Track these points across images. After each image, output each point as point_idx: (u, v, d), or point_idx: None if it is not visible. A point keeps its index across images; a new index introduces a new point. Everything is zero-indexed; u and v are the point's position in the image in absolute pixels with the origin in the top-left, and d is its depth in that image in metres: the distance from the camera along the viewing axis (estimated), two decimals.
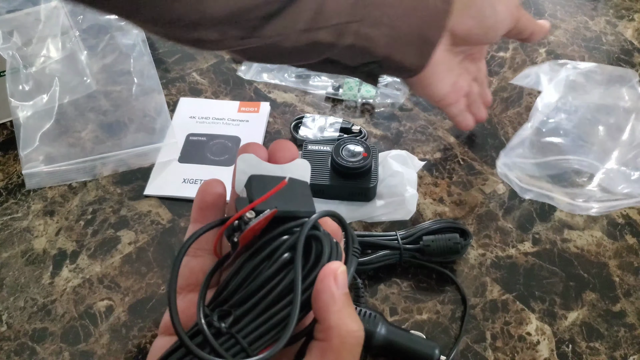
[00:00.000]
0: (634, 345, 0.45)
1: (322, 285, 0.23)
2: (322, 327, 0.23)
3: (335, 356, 0.22)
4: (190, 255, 0.27)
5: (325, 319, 0.22)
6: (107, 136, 0.57)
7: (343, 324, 0.22)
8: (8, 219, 0.53)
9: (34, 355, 0.44)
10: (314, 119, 0.60)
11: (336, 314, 0.22)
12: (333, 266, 0.23)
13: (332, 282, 0.23)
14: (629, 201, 0.51)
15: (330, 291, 0.23)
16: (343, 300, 0.23)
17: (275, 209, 0.23)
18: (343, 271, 0.23)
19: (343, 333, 0.22)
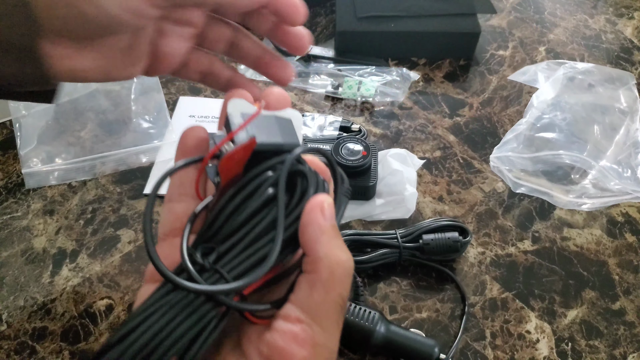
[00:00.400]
0: (633, 344, 0.45)
1: (309, 218, 0.22)
2: (310, 260, 0.22)
3: (325, 287, 0.22)
4: (174, 200, 0.26)
5: (312, 251, 0.22)
6: (106, 135, 0.57)
7: (332, 254, 0.22)
8: (8, 218, 0.53)
9: (34, 354, 0.44)
10: (313, 118, 0.60)
11: (324, 245, 0.22)
12: (320, 198, 0.23)
13: (318, 214, 0.22)
14: (621, 197, 0.51)
15: (317, 222, 0.22)
16: (330, 232, 0.22)
17: (253, 139, 0.23)
18: (330, 203, 0.23)
19: (332, 264, 0.22)
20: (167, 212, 0.26)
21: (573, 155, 0.53)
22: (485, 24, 0.73)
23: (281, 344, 0.21)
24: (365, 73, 0.65)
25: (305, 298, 0.22)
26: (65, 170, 0.55)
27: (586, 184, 0.52)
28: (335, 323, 0.22)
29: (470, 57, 0.68)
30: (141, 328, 0.20)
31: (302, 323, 0.22)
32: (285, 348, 0.21)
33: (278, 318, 0.22)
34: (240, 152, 0.23)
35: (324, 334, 0.22)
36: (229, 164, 0.23)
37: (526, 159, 0.53)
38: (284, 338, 0.21)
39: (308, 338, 0.21)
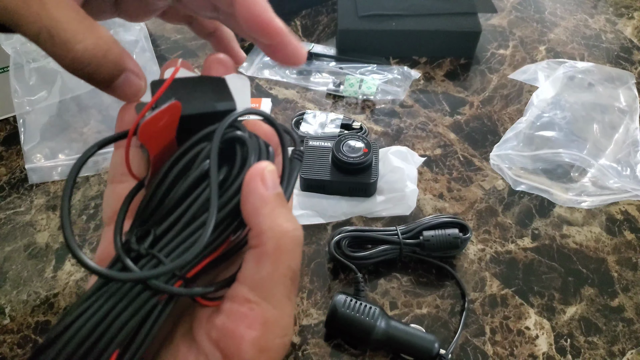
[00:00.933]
0: (631, 340, 0.45)
1: (249, 188, 0.21)
2: (255, 233, 0.21)
3: (272, 261, 0.20)
4: (115, 182, 0.24)
5: (256, 224, 0.21)
6: (109, 131, 0.57)
7: (276, 225, 0.20)
8: (11, 214, 0.53)
9: None
10: (315, 115, 0.60)
11: (267, 217, 0.20)
12: (259, 166, 0.21)
13: (259, 183, 0.21)
14: (620, 195, 0.51)
15: (257, 192, 0.21)
16: (274, 201, 0.21)
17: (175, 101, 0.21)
18: (271, 170, 0.21)
19: (277, 235, 0.20)
20: (110, 194, 0.24)
21: (572, 154, 0.53)
22: (486, 23, 0.73)
23: (229, 326, 0.20)
24: (367, 71, 0.66)
25: (252, 274, 0.21)
26: (69, 165, 0.55)
27: (585, 182, 0.52)
28: (286, 297, 0.21)
29: (471, 56, 0.68)
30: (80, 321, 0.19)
31: (250, 302, 0.20)
32: (234, 330, 0.20)
33: (226, 299, 0.21)
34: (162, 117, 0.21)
35: (275, 311, 0.20)
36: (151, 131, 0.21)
37: (526, 157, 0.53)
38: (232, 319, 0.20)
39: (257, 317, 0.20)
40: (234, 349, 0.20)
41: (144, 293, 0.20)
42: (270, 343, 0.20)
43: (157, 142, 0.21)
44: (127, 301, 0.20)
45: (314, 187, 0.53)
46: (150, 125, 0.20)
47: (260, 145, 0.22)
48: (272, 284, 0.21)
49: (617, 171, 0.52)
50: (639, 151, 0.54)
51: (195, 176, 0.21)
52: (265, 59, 0.67)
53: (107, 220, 0.24)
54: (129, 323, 0.19)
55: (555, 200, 0.53)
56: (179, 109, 0.21)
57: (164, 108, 0.20)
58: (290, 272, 0.21)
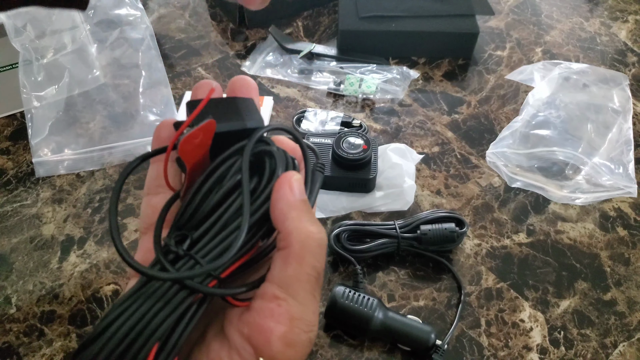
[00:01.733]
0: (623, 333, 0.46)
1: (278, 194, 0.23)
2: (282, 236, 0.22)
3: (297, 260, 0.22)
4: (151, 193, 0.26)
5: (283, 226, 0.22)
6: (114, 127, 0.58)
7: (301, 227, 0.22)
8: (18, 206, 0.55)
9: (43, 337, 0.46)
10: (315, 113, 0.61)
11: (294, 220, 0.22)
12: (288, 175, 0.23)
13: (287, 190, 0.22)
14: (613, 193, 0.53)
15: (285, 198, 0.22)
16: (300, 206, 0.22)
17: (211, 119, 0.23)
18: (298, 179, 0.23)
19: (302, 237, 0.22)
20: (146, 206, 0.26)
21: (567, 152, 0.55)
22: (484, 25, 0.75)
23: (259, 322, 0.22)
24: (367, 71, 0.67)
25: (279, 273, 0.22)
26: (74, 160, 0.56)
27: (579, 179, 0.54)
28: (311, 295, 0.22)
29: (469, 57, 0.70)
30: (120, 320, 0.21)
31: (278, 299, 0.22)
32: (263, 325, 0.22)
33: (256, 297, 0.23)
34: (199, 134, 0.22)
35: (301, 307, 0.22)
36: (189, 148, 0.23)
37: (521, 155, 0.55)
38: (261, 315, 0.22)
39: (285, 313, 0.22)
40: (264, 342, 0.22)
41: (180, 292, 0.21)
42: (297, 337, 0.22)
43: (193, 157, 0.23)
44: (165, 300, 0.21)
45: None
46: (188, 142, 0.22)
47: (287, 158, 0.24)
48: (298, 282, 0.22)
49: (610, 169, 0.53)
50: (632, 150, 0.55)
51: (229, 186, 0.23)
52: (267, 58, 0.69)
53: (144, 230, 0.26)
54: (166, 321, 0.21)
55: (550, 197, 0.54)
56: (214, 126, 0.23)
57: (201, 126, 0.22)
58: (314, 272, 0.22)
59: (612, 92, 0.59)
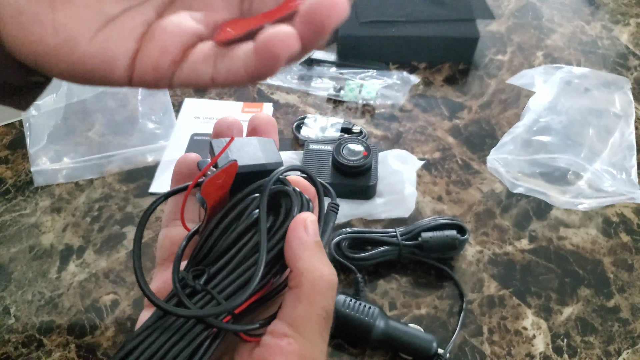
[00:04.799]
0: (627, 340, 0.46)
1: (292, 234, 0.23)
2: (294, 275, 0.23)
3: (308, 300, 0.22)
4: (169, 226, 0.27)
5: (295, 266, 0.23)
6: (113, 135, 0.58)
7: (314, 268, 0.23)
8: (16, 215, 0.54)
9: (41, 347, 0.45)
10: (315, 120, 0.61)
11: (306, 260, 0.23)
12: (303, 216, 0.24)
13: (301, 230, 0.23)
14: (615, 198, 0.52)
15: (299, 238, 0.23)
16: (313, 247, 0.23)
17: (234, 161, 0.24)
18: (313, 220, 0.24)
19: (314, 277, 0.23)
20: (164, 238, 0.27)
21: (568, 159, 0.54)
22: (485, 29, 0.74)
23: (269, 358, 0.22)
24: (367, 76, 0.67)
25: (290, 312, 0.23)
26: (73, 168, 0.56)
27: (582, 185, 0.53)
28: (319, 335, 0.23)
29: (470, 62, 0.69)
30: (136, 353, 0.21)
31: (288, 337, 0.22)
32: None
33: (267, 334, 0.23)
34: (222, 175, 0.23)
35: (309, 346, 0.22)
36: (212, 188, 0.24)
37: (523, 161, 0.54)
38: (271, 352, 0.22)
39: (294, 351, 0.22)
40: None
41: (196, 327, 0.22)
42: None
43: (215, 196, 0.24)
44: (181, 334, 0.22)
45: None
46: (211, 183, 0.23)
47: (302, 199, 0.25)
48: (308, 321, 0.23)
49: (613, 175, 0.53)
50: (634, 155, 0.55)
51: (247, 223, 0.24)
52: None
53: (160, 261, 0.27)
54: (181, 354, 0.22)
55: (552, 202, 0.54)
56: (236, 168, 0.24)
57: (225, 168, 0.23)
58: (324, 312, 0.23)
59: (614, 96, 0.58)
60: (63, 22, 0.22)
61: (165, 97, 0.60)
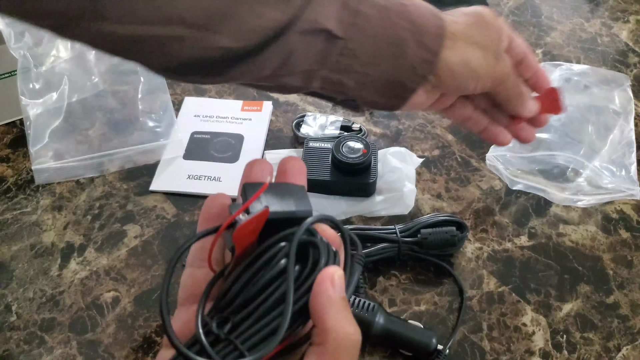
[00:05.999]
0: (627, 336, 0.46)
1: (319, 289, 0.23)
2: (319, 331, 0.23)
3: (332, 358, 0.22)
4: (194, 266, 0.27)
5: (321, 322, 0.22)
6: (114, 134, 0.58)
7: (340, 326, 0.22)
8: (18, 214, 0.55)
9: (43, 344, 0.46)
10: (315, 118, 0.61)
11: (333, 317, 0.22)
12: (330, 270, 0.23)
13: (329, 286, 0.23)
14: (615, 195, 0.52)
15: (327, 294, 0.22)
16: (340, 304, 0.23)
17: (266, 209, 0.24)
18: (340, 275, 0.23)
19: (340, 336, 0.22)
20: (187, 278, 0.27)
21: (567, 156, 0.54)
22: None
23: None
24: None
25: None
26: (74, 167, 0.56)
27: (581, 181, 0.53)
28: None
29: None
30: None
31: None
32: None
33: None
34: (254, 222, 0.23)
35: None
36: (243, 233, 0.24)
37: (522, 158, 0.54)
38: None
39: None
40: None
41: None
42: None
43: (244, 241, 0.24)
44: None
45: (315, 187, 0.54)
46: (244, 229, 0.23)
47: (329, 251, 0.25)
48: None
49: (612, 172, 0.53)
50: (634, 152, 0.55)
51: (274, 272, 0.24)
52: None
53: (182, 301, 0.27)
54: None
55: (552, 199, 0.54)
56: (267, 214, 0.24)
57: (257, 215, 0.23)
58: None
59: (614, 93, 0.58)
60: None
61: (165, 96, 0.60)
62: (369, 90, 0.36)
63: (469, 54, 0.37)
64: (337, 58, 0.34)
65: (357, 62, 0.34)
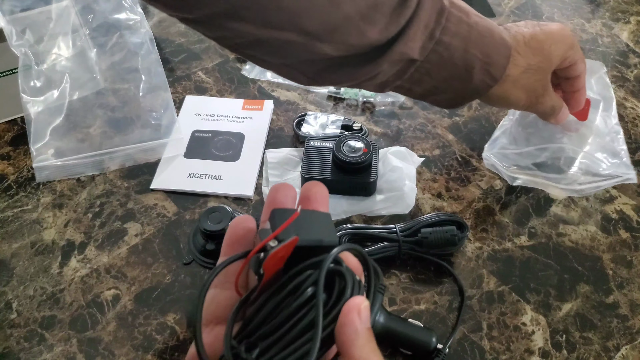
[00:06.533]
0: (626, 336, 0.46)
1: (346, 320, 0.23)
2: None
3: None
4: (218, 287, 0.28)
5: (348, 354, 0.23)
6: (115, 132, 0.58)
7: (366, 358, 0.23)
8: (18, 211, 0.55)
9: (43, 342, 0.46)
10: (316, 117, 0.61)
11: (360, 349, 0.23)
12: (357, 300, 0.24)
13: (356, 317, 0.23)
14: (612, 181, 0.52)
15: (354, 325, 0.23)
16: (366, 335, 0.23)
17: (296, 237, 0.24)
18: (367, 306, 0.24)
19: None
20: (211, 300, 0.27)
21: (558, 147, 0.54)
22: None
23: None
24: None
25: None
26: (75, 165, 0.56)
27: (577, 171, 0.53)
28: None
29: None
30: None
31: None
32: None
33: None
34: (284, 250, 0.24)
35: None
36: (273, 261, 0.24)
37: (516, 154, 0.54)
38: None
39: None
40: None
41: None
42: None
43: (272, 268, 0.25)
44: None
45: None
46: (274, 256, 0.24)
47: (354, 280, 0.25)
48: None
49: (604, 158, 0.53)
50: (622, 138, 0.55)
51: (302, 299, 0.24)
52: None
53: (205, 322, 0.27)
54: None
55: (552, 192, 0.54)
56: (296, 242, 0.24)
57: (288, 243, 0.24)
58: None
59: (592, 82, 0.58)
60: None
61: (166, 94, 0.60)
62: (432, 98, 0.46)
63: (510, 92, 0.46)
64: (412, 74, 0.41)
65: (428, 78, 0.42)
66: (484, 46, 0.41)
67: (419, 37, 0.39)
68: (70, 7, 0.58)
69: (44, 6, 0.56)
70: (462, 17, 0.40)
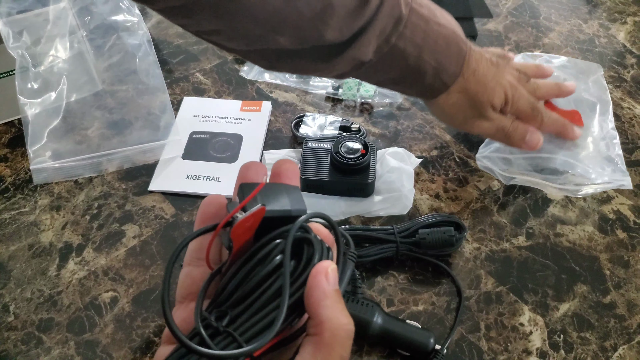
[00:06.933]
0: (623, 336, 0.46)
1: (313, 282, 0.24)
2: (314, 322, 0.24)
3: (327, 349, 0.23)
4: (192, 264, 0.28)
5: (317, 314, 0.23)
6: (112, 133, 0.58)
7: (334, 317, 0.23)
8: (16, 214, 0.54)
9: (40, 345, 0.46)
10: (314, 118, 0.61)
11: (327, 309, 0.23)
12: (324, 264, 0.24)
13: (322, 279, 0.24)
14: (607, 185, 0.52)
15: (321, 287, 0.24)
16: (334, 296, 0.24)
17: (262, 206, 0.25)
18: (334, 269, 0.24)
19: (334, 326, 0.23)
20: (185, 276, 0.28)
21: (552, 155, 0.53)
22: (482, 27, 0.75)
23: None
24: None
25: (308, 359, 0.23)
26: (72, 167, 0.56)
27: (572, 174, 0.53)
28: None
29: None
30: None
31: None
32: None
33: None
34: (251, 219, 0.24)
35: None
36: (241, 230, 0.24)
37: (509, 159, 0.54)
38: None
39: None
40: None
41: None
42: None
43: (241, 238, 0.25)
44: None
45: (313, 188, 0.54)
46: (241, 226, 0.24)
47: (323, 247, 0.26)
48: None
49: (600, 164, 0.53)
50: (617, 144, 0.54)
51: (270, 267, 0.24)
52: None
53: (180, 299, 0.28)
54: None
55: (548, 192, 0.54)
56: (264, 212, 0.25)
57: (254, 212, 0.24)
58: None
59: (589, 84, 0.58)
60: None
61: (164, 96, 0.60)
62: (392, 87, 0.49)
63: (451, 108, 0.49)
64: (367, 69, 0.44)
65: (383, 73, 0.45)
66: (437, 54, 0.45)
67: (374, 42, 0.42)
68: (67, 8, 0.58)
69: (42, 8, 0.56)
70: (420, 25, 0.43)
